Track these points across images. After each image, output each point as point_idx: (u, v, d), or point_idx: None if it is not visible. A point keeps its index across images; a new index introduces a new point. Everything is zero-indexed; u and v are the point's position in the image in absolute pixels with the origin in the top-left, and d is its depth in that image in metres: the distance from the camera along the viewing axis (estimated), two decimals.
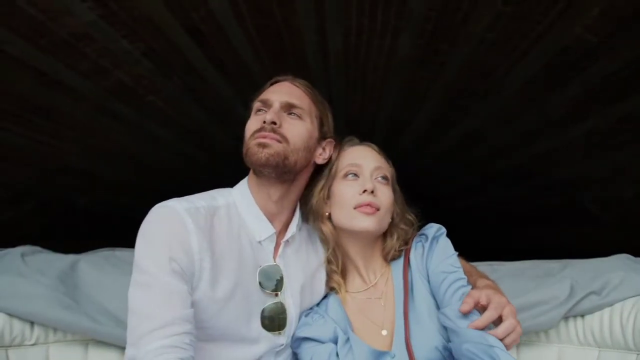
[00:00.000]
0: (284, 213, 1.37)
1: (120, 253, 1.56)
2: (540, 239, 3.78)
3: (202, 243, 1.19)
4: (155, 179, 3.16)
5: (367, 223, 1.35)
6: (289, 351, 1.38)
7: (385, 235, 1.48)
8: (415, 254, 1.43)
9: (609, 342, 1.47)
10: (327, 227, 1.38)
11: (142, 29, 1.79)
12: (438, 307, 1.36)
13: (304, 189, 1.47)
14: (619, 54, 1.76)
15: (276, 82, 1.43)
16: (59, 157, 2.64)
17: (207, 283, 1.20)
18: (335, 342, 1.34)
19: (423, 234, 1.49)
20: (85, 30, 1.73)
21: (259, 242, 1.29)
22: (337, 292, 1.45)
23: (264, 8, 1.82)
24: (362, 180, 1.39)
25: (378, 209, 1.37)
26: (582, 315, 1.51)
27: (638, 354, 1.42)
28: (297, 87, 1.43)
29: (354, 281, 1.47)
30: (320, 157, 1.48)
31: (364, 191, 1.36)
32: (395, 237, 1.45)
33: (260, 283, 1.27)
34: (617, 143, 2.38)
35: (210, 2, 1.76)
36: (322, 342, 1.34)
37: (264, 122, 1.32)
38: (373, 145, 1.51)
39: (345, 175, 1.40)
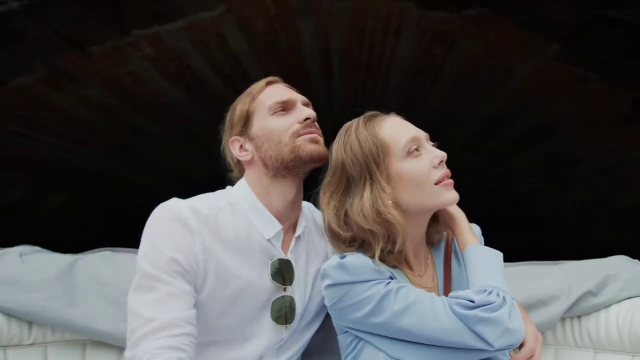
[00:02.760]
0: (295, 211, 1.29)
1: (119, 254, 1.51)
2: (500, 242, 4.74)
3: (206, 243, 1.16)
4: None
5: (455, 195, 1.15)
6: (290, 350, 1.31)
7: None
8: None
9: (605, 344, 1.44)
10: (396, 216, 1.13)
11: (210, 100, 2.74)
12: None
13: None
14: (526, 119, 2.70)
15: (269, 83, 1.32)
16: (128, 180, 3.63)
17: (214, 283, 1.17)
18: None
19: None
20: (173, 103, 2.67)
21: (268, 239, 1.24)
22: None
23: (291, 81, 2.81)
24: (428, 152, 1.17)
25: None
26: (579, 317, 1.48)
27: (634, 356, 1.40)
28: (293, 88, 1.35)
29: (402, 273, 1.24)
30: None
31: (440, 162, 1.16)
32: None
33: (272, 276, 1.23)
34: (550, 169, 3.32)
35: (252, 78, 2.73)
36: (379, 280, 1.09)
37: (307, 118, 1.24)
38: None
39: (409, 153, 1.16)
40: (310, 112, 1.25)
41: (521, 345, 1.14)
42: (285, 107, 1.26)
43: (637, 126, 2.37)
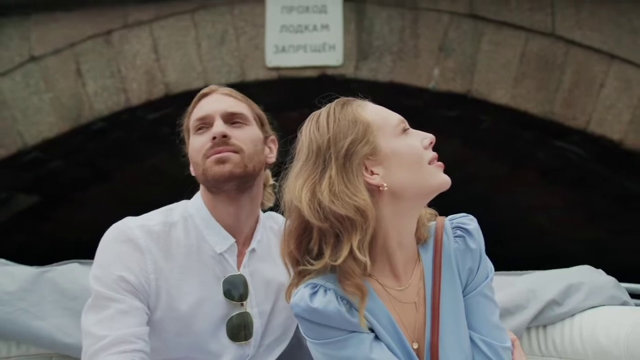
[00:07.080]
0: (247, 224, 1.24)
1: (87, 266, 1.42)
2: None
3: (157, 262, 1.14)
4: None
5: (448, 178, 1.02)
6: None
7: None
8: (455, 246, 1.08)
9: (570, 353, 1.45)
10: (367, 200, 0.95)
11: None
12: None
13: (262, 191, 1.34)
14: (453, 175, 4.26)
15: (203, 95, 1.27)
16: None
17: (167, 301, 1.15)
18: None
19: (462, 227, 1.12)
20: None
21: (220, 254, 1.19)
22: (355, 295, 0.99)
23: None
24: (414, 134, 1.04)
25: None
26: (544, 326, 1.50)
27: None
28: (228, 95, 1.28)
29: (384, 280, 1.05)
30: (270, 157, 1.32)
31: (430, 143, 1.03)
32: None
33: (225, 293, 1.18)
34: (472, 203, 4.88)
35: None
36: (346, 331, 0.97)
37: (214, 137, 1.18)
38: None
39: (404, 130, 1.02)
40: (215, 131, 1.19)
41: None
42: (204, 123, 1.22)
43: (512, 181, 3.96)
